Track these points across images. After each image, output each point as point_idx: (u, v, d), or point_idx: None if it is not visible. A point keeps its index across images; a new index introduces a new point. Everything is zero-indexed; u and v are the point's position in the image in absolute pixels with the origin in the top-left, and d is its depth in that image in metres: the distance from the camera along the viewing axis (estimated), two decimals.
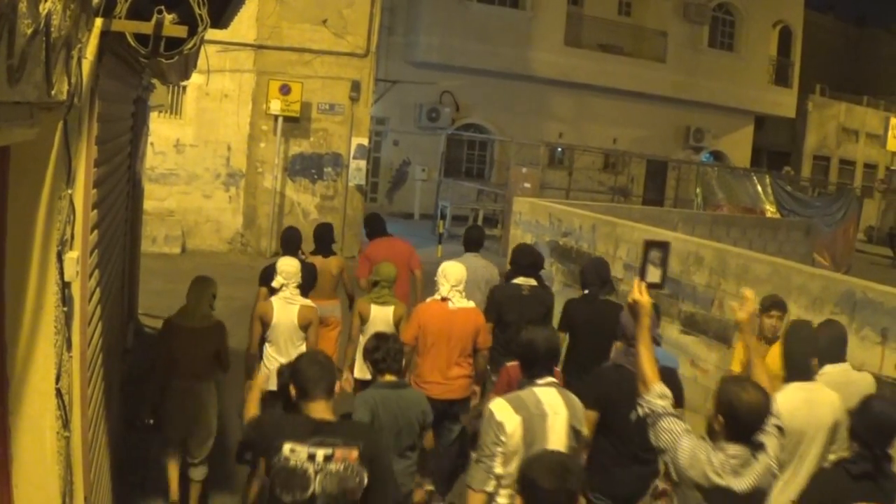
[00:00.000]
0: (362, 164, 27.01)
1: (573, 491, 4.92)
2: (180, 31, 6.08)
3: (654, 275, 9.91)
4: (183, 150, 25.07)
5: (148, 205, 20.52)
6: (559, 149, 37.11)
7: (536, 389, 6.71)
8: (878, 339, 10.83)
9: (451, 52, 34.32)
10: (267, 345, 10.00)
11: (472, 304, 10.13)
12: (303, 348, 9.57)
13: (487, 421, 6.61)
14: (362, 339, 9.64)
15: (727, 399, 5.60)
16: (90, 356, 6.32)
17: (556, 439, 6.55)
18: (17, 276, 4.64)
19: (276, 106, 25.03)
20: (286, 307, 9.94)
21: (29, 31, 3.45)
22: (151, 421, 9.68)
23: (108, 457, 8.07)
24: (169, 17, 6.01)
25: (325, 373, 6.00)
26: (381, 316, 10.39)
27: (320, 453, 5.66)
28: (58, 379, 4.90)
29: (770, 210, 33.54)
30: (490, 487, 6.48)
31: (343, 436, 5.77)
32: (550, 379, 6.82)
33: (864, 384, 8.20)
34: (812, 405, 7.13)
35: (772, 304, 10.21)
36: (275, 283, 10.08)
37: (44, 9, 3.71)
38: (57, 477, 4.99)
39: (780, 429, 5.90)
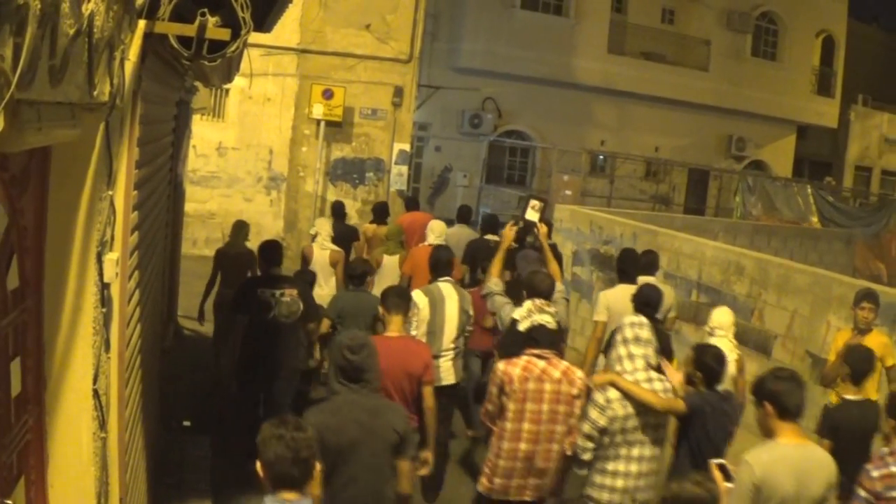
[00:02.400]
0: (404, 169, 27.05)
1: None
2: (223, 34, 6.09)
3: (532, 215, 11.51)
4: (225, 153, 25.16)
5: (189, 207, 20.58)
6: (601, 156, 37.01)
7: (440, 283, 10.86)
8: None
9: (494, 58, 34.22)
10: None
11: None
12: (333, 280, 13.96)
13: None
14: (377, 284, 13.38)
15: None
16: (128, 357, 6.34)
17: (451, 315, 10.68)
18: (56, 276, 4.66)
19: (318, 110, 25.07)
20: (321, 251, 14.32)
21: (72, 32, 3.46)
22: (188, 423, 10.09)
23: (144, 458, 8.09)
24: (212, 20, 6.02)
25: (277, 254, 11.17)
26: (389, 261, 14.44)
27: (277, 292, 10.47)
28: (95, 379, 4.91)
29: (815, 222, 33.35)
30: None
31: (289, 283, 10.74)
32: (448, 278, 10.99)
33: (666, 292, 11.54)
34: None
35: (863, 297, 10.65)
36: (312, 231, 15.40)
37: (87, 9, 3.72)
38: (93, 478, 5.00)
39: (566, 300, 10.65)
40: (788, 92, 42.21)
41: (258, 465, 5.12)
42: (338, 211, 18.23)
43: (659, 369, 8.19)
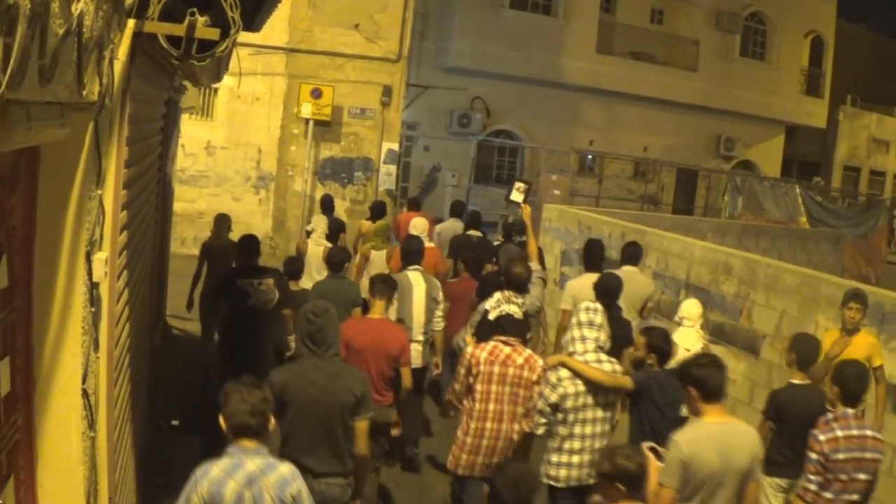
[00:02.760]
0: (392, 168, 27.07)
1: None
2: (212, 34, 6.10)
3: (517, 196, 13.34)
4: (213, 153, 25.17)
5: (178, 206, 20.57)
6: (589, 156, 37.01)
7: (408, 272, 11.62)
8: None
9: (483, 58, 34.22)
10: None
11: (432, 244, 15.69)
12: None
13: None
14: (365, 276, 13.85)
15: None
16: (117, 357, 6.34)
17: (418, 302, 11.42)
18: (46, 276, 4.66)
19: (307, 109, 25.10)
20: (315, 246, 14.91)
21: (61, 32, 3.46)
22: (177, 422, 10.17)
23: (133, 457, 8.09)
24: (201, 20, 6.03)
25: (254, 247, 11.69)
26: (377, 256, 14.75)
27: (255, 282, 10.95)
28: (84, 379, 4.92)
29: (803, 222, 33.40)
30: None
31: (266, 274, 11.25)
32: (417, 267, 11.71)
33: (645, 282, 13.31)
34: None
35: (851, 297, 10.68)
36: (308, 228, 16.04)
37: (76, 9, 3.72)
38: (82, 477, 5.00)
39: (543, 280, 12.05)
40: (777, 92, 42.28)
41: (220, 417, 5.83)
42: (327, 204, 18.73)
43: (610, 353, 8.77)
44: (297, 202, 25.70)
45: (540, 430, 8.51)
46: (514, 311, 9.59)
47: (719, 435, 6.91)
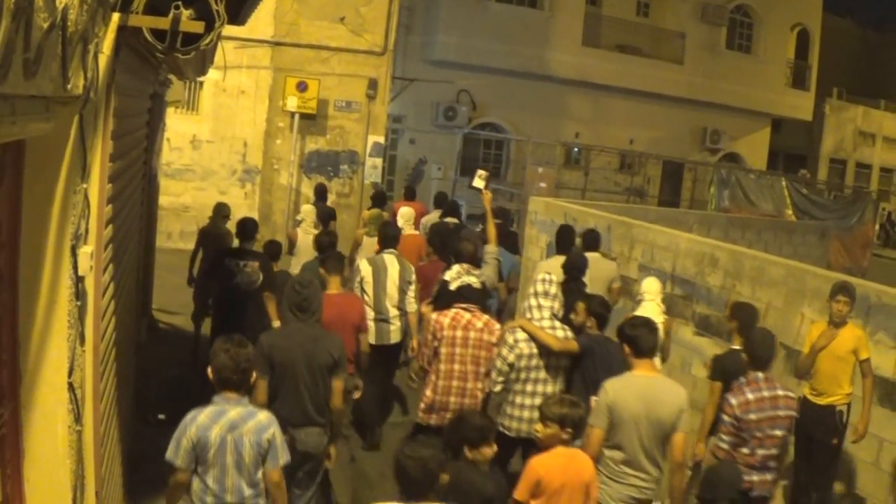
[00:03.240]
0: (378, 161, 27.07)
1: None
2: (197, 27, 6.10)
3: (478, 183, 14.01)
4: (199, 146, 25.16)
5: (163, 200, 20.58)
6: (575, 149, 36.95)
7: (384, 254, 12.45)
8: (893, 343, 10.81)
9: (468, 51, 34.20)
10: (293, 258, 15.65)
11: (416, 231, 16.73)
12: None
13: (355, 271, 12.57)
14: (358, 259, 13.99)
15: None
16: (103, 350, 6.34)
17: (392, 281, 12.21)
18: (31, 269, 4.65)
19: (292, 103, 25.10)
20: (305, 235, 15.55)
21: (45, 25, 3.46)
22: (163, 416, 10.24)
23: (119, 451, 8.09)
24: (186, 13, 6.02)
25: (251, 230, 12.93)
26: (368, 242, 15.05)
27: (241, 263, 12.20)
28: (70, 373, 4.91)
29: (789, 214, 33.42)
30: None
31: (252, 257, 12.41)
32: (392, 250, 12.50)
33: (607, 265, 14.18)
34: None
35: (839, 290, 10.72)
36: (298, 218, 16.99)
37: (61, 3, 3.72)
38: (68, 471, 5.00)
39: (497, 260, 12.87)
40: (763, 85, 42.32)
41: (209, 370, 6.79)
42: (321, 192, 20.51)
43: (563, 320, 9.96)
44: (283, 195, 25.69)
45: (497, 388, 9.70)
46: (473, 281, 10.86)
47: (644, 386, 8.03)
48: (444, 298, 11.05)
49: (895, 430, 10.71)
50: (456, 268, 11.58)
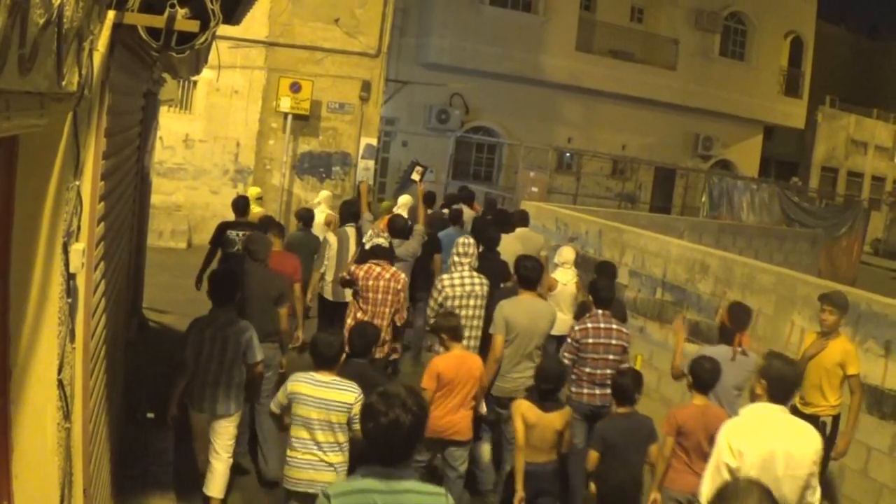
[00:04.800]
0: (370, 163, 27.12)
1: None
2: (192, 26, 6.09)
3: (415, 176, 17.27)
4: (192, 146, 25.16)
5: (155, 199, 20.53)
6: (568, 154, 37.04)
7: (346, 227, 14.88)
8: (882, 351, 10.84)
9: (462, 54, 34.23)
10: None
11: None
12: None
13: (323, 243, 15.00)
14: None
15: None
16: (93, 348, 6.33)
17: (352, 250, 14.23)
18: (22, 266, 4.64)
19: (285, 103, 25.14)
20: (319, 213, 17.73)
21: (41, 21, 3.46)
22: (152, 415, 10.30)
23: (108, 449, 8.07)
24: (181, 12, 6.02)
25: (245, 206, 15.32)
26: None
27: (241, 233, 13.86)
28: (60, 370, 4.90)
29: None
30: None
31: (248, 227, 14.03)
32: (352, 224, 14.89)
33: (536, 238, 16.97)
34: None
35: (823, 299, 10.84)
36: (316, 200, 19.90)
37: None
38: (57, 468, 4.99)
39: (424, 236, 15.39)
40: (756, 92, 42.40)
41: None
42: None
43: (491, 284, 12.40)
44: (275, 196, 25.69)
45: (431, 322, 11.35)
46: (382, 242, 12.80)
47: (528, 306, 11.02)
48: (361, 256, 13.21)
49: (883, 438, 10.74)
50: (370, 232, 13.66)
